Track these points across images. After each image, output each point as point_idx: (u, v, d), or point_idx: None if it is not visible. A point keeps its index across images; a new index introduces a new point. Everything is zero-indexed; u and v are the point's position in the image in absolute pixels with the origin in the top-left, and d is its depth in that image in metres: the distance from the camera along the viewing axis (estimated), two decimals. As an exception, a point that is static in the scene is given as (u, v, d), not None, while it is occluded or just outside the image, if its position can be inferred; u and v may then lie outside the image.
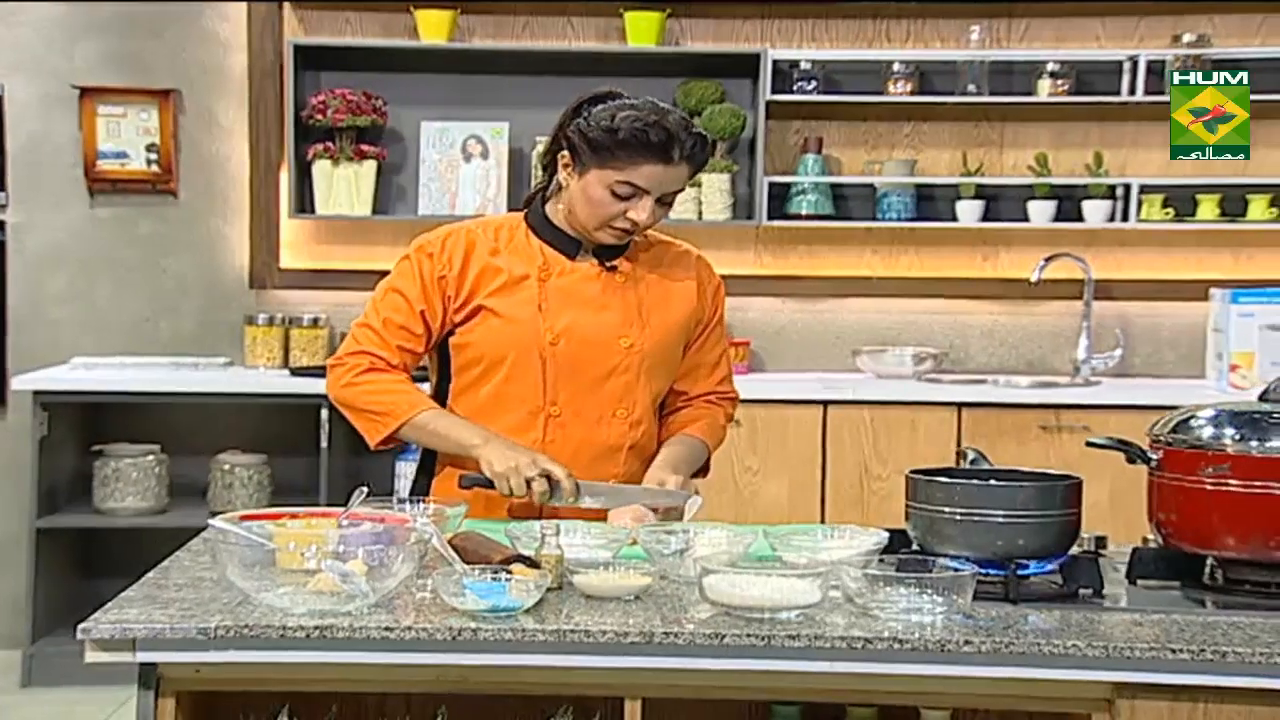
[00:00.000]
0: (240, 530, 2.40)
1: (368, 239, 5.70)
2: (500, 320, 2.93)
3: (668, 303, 3.02)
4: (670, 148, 2.82)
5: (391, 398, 2.94)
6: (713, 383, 3.13)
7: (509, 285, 2.94)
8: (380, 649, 2.22)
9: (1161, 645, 2.25)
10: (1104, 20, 5.58)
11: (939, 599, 2.33)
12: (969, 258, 5.68)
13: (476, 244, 2.97)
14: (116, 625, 2.22)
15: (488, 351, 2.95)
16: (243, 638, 2.21)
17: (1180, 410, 2.65)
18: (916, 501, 2.56)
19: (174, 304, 5.70)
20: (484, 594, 2.27)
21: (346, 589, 2.25)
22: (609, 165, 2.83)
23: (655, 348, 2.99)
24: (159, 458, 5.35)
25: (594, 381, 2.95)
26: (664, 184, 2.86)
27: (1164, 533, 2.61)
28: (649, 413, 3.03)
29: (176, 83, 5.65)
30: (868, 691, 2.34)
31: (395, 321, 2.95)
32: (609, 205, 2.86)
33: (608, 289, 2.98)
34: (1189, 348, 5.60)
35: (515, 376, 2.94)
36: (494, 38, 5.64)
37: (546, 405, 2.95)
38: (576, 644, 2.23)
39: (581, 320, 2.95)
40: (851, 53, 5.59)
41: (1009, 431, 5.11)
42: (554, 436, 2.94)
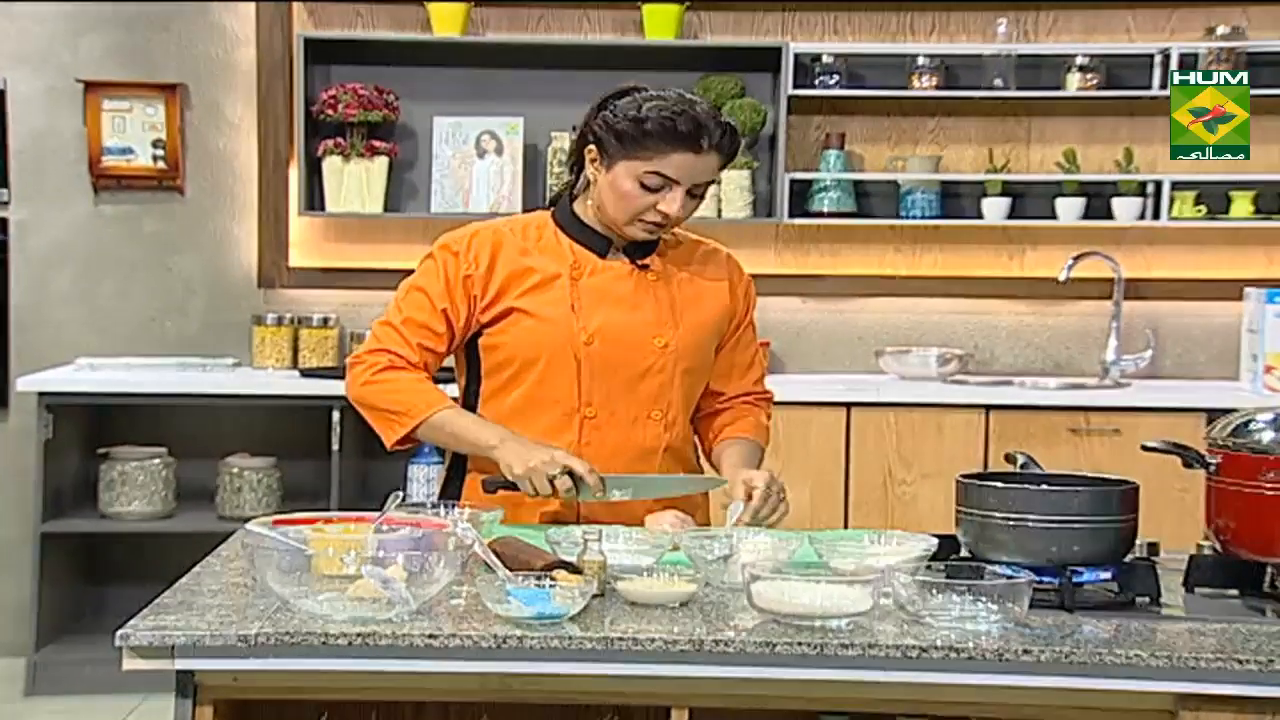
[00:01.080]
0: (278, 535, 2.34)
1: (379, 237, 5.59)
2: (533, 320, 2.87)
3: (700, 302, 2.97)
4: (699, 136, 2.76)
5: (409, 397, 2.87)
6: (748, 383, 3.07)
7: (541, 285, 2.88)
8: (424, 657, 2.18)
9: (1227, 656, 2.18)
10: (1134, 12, 5.46)
11: (993, 607, 2.26)
12: (995, 256, 5.56)
13: (505, 243, 2.91)
14: (155, 632, 2.20)
15: (520, 353, 2.88)
16: (284, 645, 2.17)
17: (1238, 413, 2.56)
18: (968, 506, 2.47)
19: (181, 303, 5.59)
20: (529, 601, 2.22)
21: (387, 595, 2.20)
22: (637, 156, 2.78)
23: (690, 347, 2.93)
24: (166, 461, 5.24)
25: (629, 382, 2.89)
26: (694, 174, 2.79)
27: (1222, 539, 2.53)
28: (683, 414, 2.97)
29: (183, 77, 5.55)
30: (921, 702, 2.26)
31: (417, 320, 2.89)
32: (639, 197, 2.80)
33: (640, 288, 2.92)
34: (1221, 349, 5.47)
35: (549, 378, 2.87)
36: (508, 31, 5.53)
37: (581, 407, 2.88)
38: (624, 652, 2.18)
39: (615, 319, 2.88)
40: (875, 46, 5.47)
41: (1037, 434, 4.99)
42: (589, 439, 2.87)
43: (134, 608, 5.39)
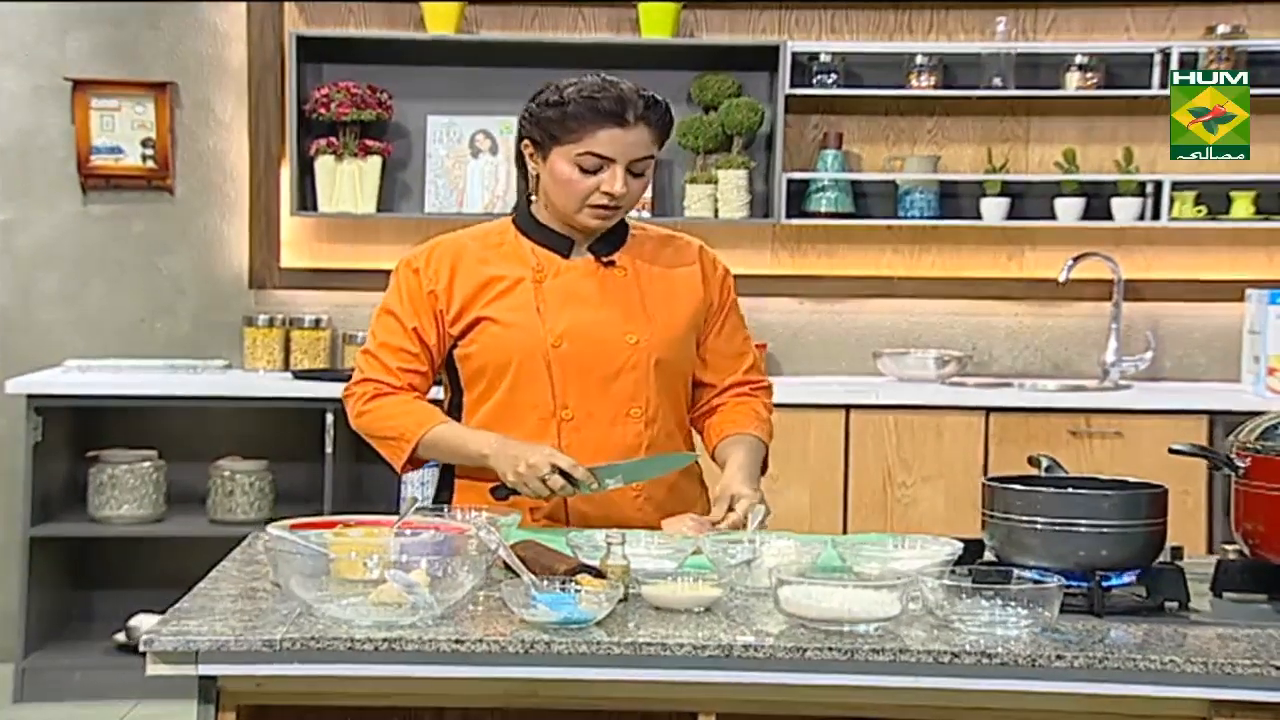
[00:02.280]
0: (299, 539, 2.32)
1: (372, 238, 5.53)
2: (499, 327, 2.87)
3: (672, 296, 2.94)
4: (623, 110, 2.78)
5: (399, 420, 2.89)
6: (739, 372, 3.02)
7: (504, 292, 2.87)
8: (450, 662, 2.17)
9: (1263, 662, 2.16)
10: (1134, 11, 5.42)
11: (1023, 612, 2.23)
12: (994, 257, 5.52)
13: (465, 254, 2.91)
14: (179, 638, 2.17)
15: (491, 360, 2.88)
16: (309, 650, 2.16)
17: (1267, 416, 2.54)
18: (994, 510, 2.43)
19: (170, 304, 5.52)
20: (555, 605, 2.20)
21: (411, 600, 2.17)
22: (567, 140, 2.80)
23: (664, 343, 2.90)
24: (156, 464, 5.17)
25: (603, 381, 2.86)
26: (626, 149, 2.78)
27: (1250, 543, 2.48)
28: (666, 410, 2.93)
29: (173, 75, 5.47)
30: (951, 708, 2.22)
31: (391, 344, 2.91)
32: (579, 181, 2.81)
33: (607, 285, 2.90)
34: (1222, 350, 5.43)
35: (521, 383, 2.87)
36: (503, 29, 5.48)
37: (558, 410, 2.86)
38: (652, 657, 2.16)
39: (583, 319, 2.86)
40: (872, 45, 5.43)
41: (1037, 436, 4.95)
42: (569, 441, 2.85)
43: (124, 612, 5.38)
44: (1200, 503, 4.86)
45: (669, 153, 5.44)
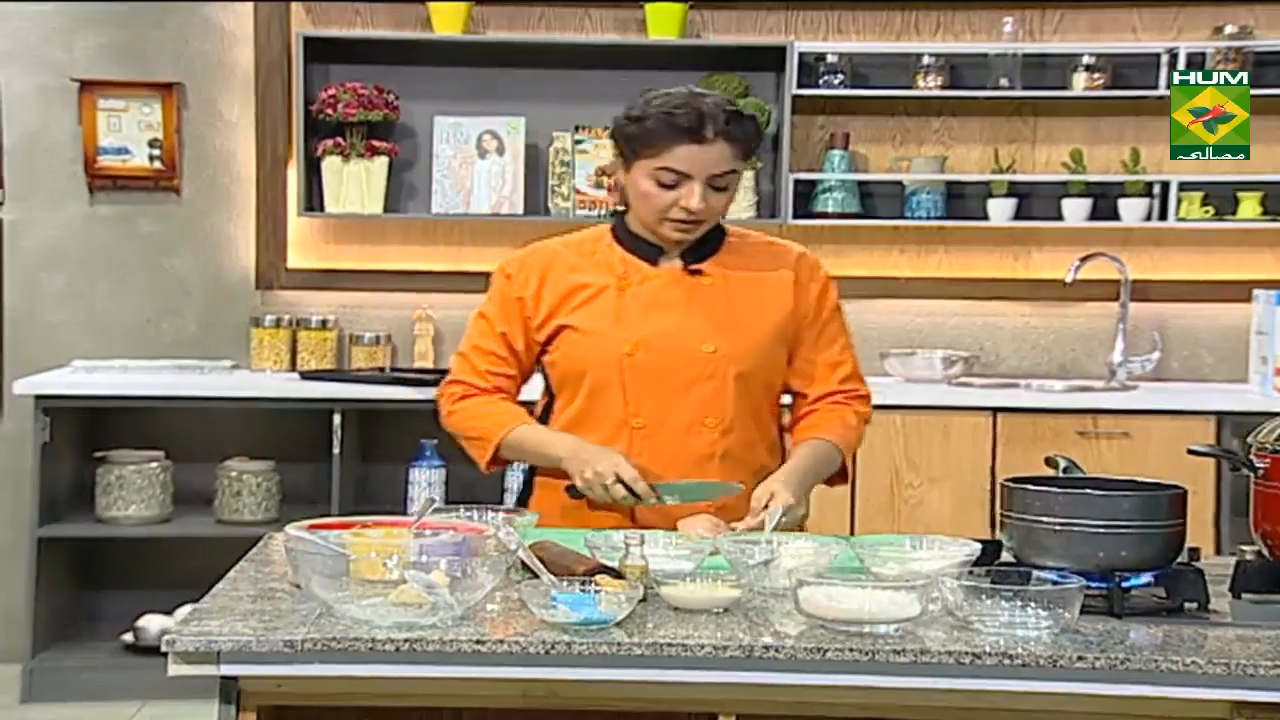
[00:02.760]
0: (319, 540, 2.32)
1: (379, 238, 5.53)
2: (579, 335, 2.90)
3: (760, 305, 2.92)
4: (702, 127, 2.76)
5: (483, 421, 2.96)
6: (834, 382, 2.99)
7: (588, 299, 2.91)
8: (471, 663, 2.18)
9: (1288, 663, 2.15)
10: (1140, 11, 5.42)
11: (1043, 613, 2.23)
12: (1000, 258, 5.51)
13: (556, 262, 2.95)
14: (201, 638, 2.18)
15: (570, 368, 2.93)
16: (331, 651, 2.16)
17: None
18: (1013, 511, 2.43)
19: (177, 305, 5.52)
20: (575, 606, 2.20)
21: (431, 600, 2.17)
22: (646, 154, 2.80)
23: (743, 352, 2.88)
24: (163, 464, 5.17)
25: (677, 390, 2.86)
26: (704, 165, 2.78)
27: (1270, 544, 2.48)
28: (742, 421, 2.90)
29: (180, 76, 5.47)
30: (971, 709, 2.21)
31: (482, 348, 2.99)
32: (658, 196, 2.81)
33: (692, 294, 2.89)
34: (1229, 351, 5.43)
35: (597, 391, 2.90)
36: (510, 30, 5.47)
37: (629, 418, 2.88)
38: (672, 658, 2.16)
39: (661, 328, 2.87)
40: (879, 45, 5.43)
41: (1045, 437, 4.95)
42: (640, 449, 2.86)
43: (131, 613, 5.37)
44: (1208, 503, 4.86)
45: (676, 153, 5.44)
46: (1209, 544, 4.77)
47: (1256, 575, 2.47)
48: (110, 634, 5.20)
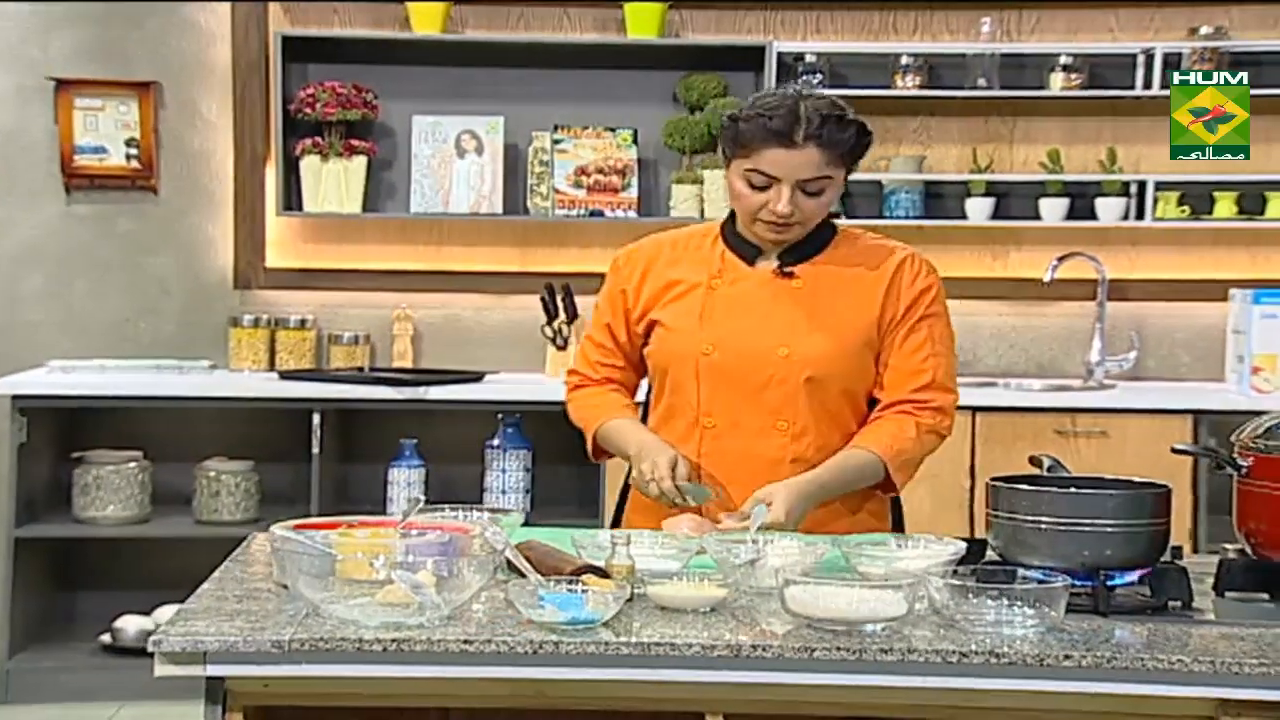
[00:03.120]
0: (306, 540, 2.31)
1: (358, 238, 5.52)
2: (666, 331, 2.92)
3: (846, 309, 2.86)
4: (791, 131, 2.73)
5: (586, 412, 3.02)
6: (908, 390, 2.87)
7: (680, 296, 2.92)
8: (459, 663, 2.17)
9: (1271, 661, 2.17)
10: (1118, 12, 5.44)
11: (1029, 611, 2.24)
12: (978, 257, 5.53)
13: (660, 256, 2.97)
14: (187, 638, 2.17)
15: (657, 363, 2.95)
16: (318, 651, 2.16)
17: (1269, 415, 2.54)
18: (999, 510, 2.44)
19: (155, 305, 5.50)
20: (563, 606, 2.20)
21: (418, 600, 2.17)
22: (739, 155, 2.80)
23: (818, 356, 2.84)
24: (141, 465, 5.15)
25: (750, 392, 2.85)
26: (792, 169, 2.75)
27: (1253, 542, 2.50)
28: (817, 426, 2.85)
29: (157, 75, 5.45)
30: (959, 707, 2.23)
31: (594, 339, 3.04)
32: (748, 196, 2.81)
33: (779, 296, 2.87)
34: (1205, 350, 5.46)
35: (676, 388, 2.92)
36: (488, 29, 5.47)
37: (701, 417, 2.88)
38: (661, 657, 2.17)
39: (741, 329, 2.86)
40: (858, 45, 5.44)
41: (1024, 436, 4.96)
42: (709, 449, 2.87)
43: (109, 614, 5.35)
44: (1185, 501, 4.88)
45: (655, 153, 5.46)
46: (1186, 542, 4.79)
47: (1240, 574, 2.50)
48: (88, 635, 5.18)
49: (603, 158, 5.36)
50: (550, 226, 5.47)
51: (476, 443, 5.20)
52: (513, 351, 5.48)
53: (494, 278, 5.51)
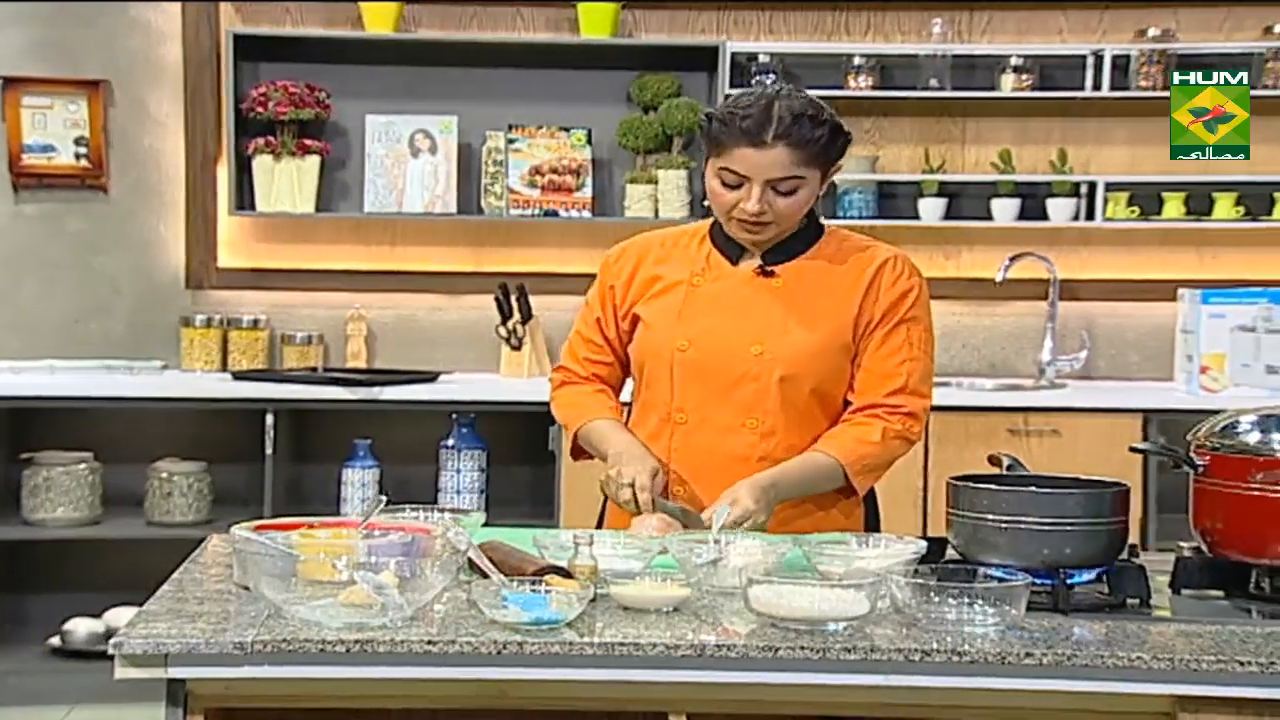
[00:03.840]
0: (267, 541, 2.30)
1: (311, 237, 5.49)
2: (645, 327, 2.93)
3: (823, 309, 2.86)
4: (761, 130, 2.73)
5: (569, 411, 3.02)
6: (881, 393, 2.86)
7: (661, 292, 2.93)
8: (422, 663, 2.17)
9: (1228, 658, 2.19)
10: (1067, 14, 5.49)
11: (990, 610, 2.25)
12: (931, 257, 5.54)
13: (648, 253, 2.97)
14: (149, 640, 2.16)
15: (637, 359, 2.97)
16: (281, 652, 2.15)
17: (1224, 415, 2.58)
18: (959, 509, 2.46)
19: (105, 305, 5.46)
20: (527, 606, 2.20)
21: (381, 601, 2.17)
22: (714, 153, 2.81)
23: (791, 358, 2.83)
24: (92, 466, 5.11)
25: (722, 389, 2.85)
26: (762, 168, 2.74)
27: (1209, 540, 2.53)
28: (787, 426, 2.85)
29: (107, 73, 5.41)
30: (921, 705, 2.24)
31: (583, 335, 3.04)
32: (721, 195, 2.82)
33: (758, 295, 2.87)
34: (1155, 349, 5.51)
35: (652, 383, 2.93)
36: (441, 28, 5.45)
37: (674, 412, 2.88)
38: (624, 657, 2.17)
39: (718, 326, 2.86)
40: (810, 45, 5.46)
41: (977, 435, 5.00)
42: (679, 445, 2.88)
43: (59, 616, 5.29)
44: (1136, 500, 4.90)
45: (609, 152, 5.46)
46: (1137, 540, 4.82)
47: (1196, 571, 2.53)
48: (38, 638, 5.13)
49: (557, 157, 5.36)
50: (504, 226, 5.47)
51: (431, 443, 5.19)
52: (467, 351, 5.47)
53: (448, 277, 5.49)
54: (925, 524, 4.90)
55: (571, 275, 5.21)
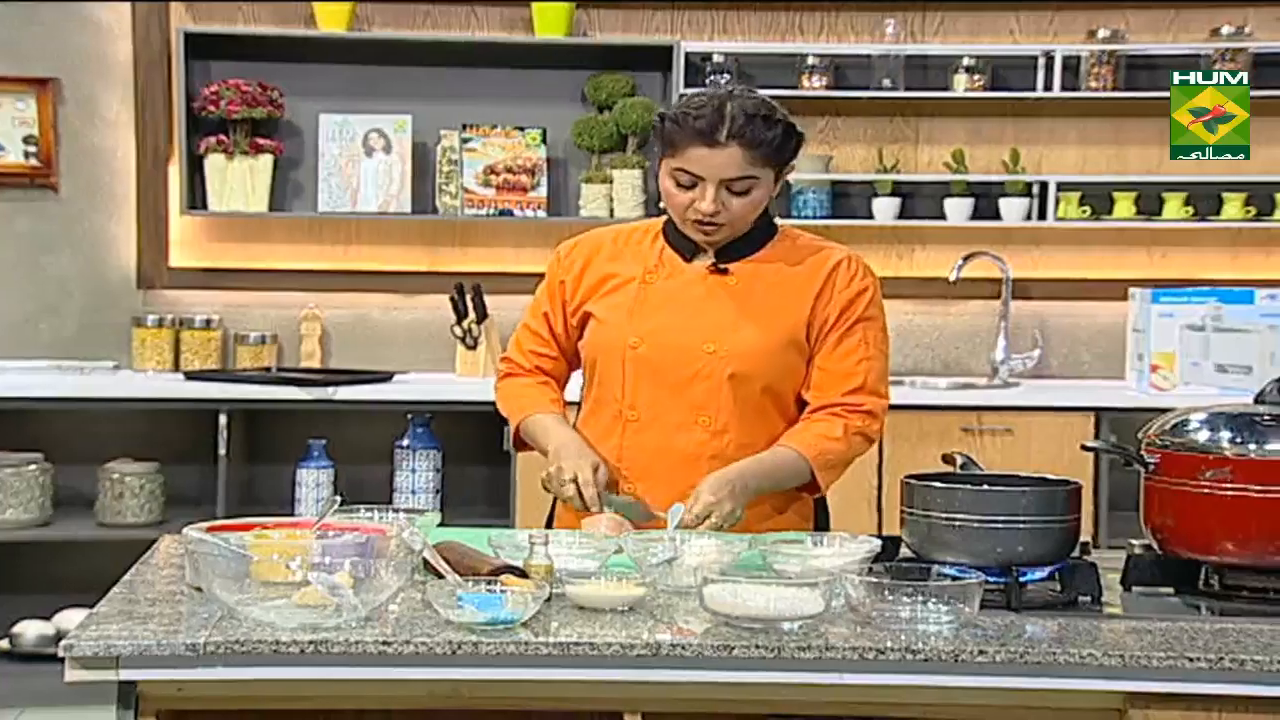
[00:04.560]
0: (220, 542, 2.28)
1: (264, 237, 5.46)
2: (597, 324, 2.93)
3: (776, 307, 2.86)
4: (713, 130, 2.73)
5: (512, 403, 3.01)
6: (839, 393, 2.87)
7: (614, 289, 2.92)
8: (376, 664, 2.16)
9: (1179, 654, 2.21)
10: (1018, 14, 5.51)
11: (944, 608, 2.27)
12: (885, 256, 5.57)
13: (601, 250, 2.97)
14: (99, 642, 2.14)
15: (588, 356, 2.97)
16: (234, 654, 2.14)
17: (1174, 413, 2.59)
18: (913, 507, 2.47)
19: (56, 305, 5.42)
20: (482, 606, 2.19)
21: (335, 602, 2.16)
22: (668, 154, 2.81)
23: (744, 356, 2.84)
24: (42, 466, 5.07)
25: (674, 387, 2.85)
26: (715, 168, 2.75)
27: (1159, 538, 2.55)
28: (739, 424, 2.85)
29: (56, 71, 5.37)
30: (875, 703, 2.25)
31: (530, 327, 3.03)
32: (676, 195, 2.82)
33: (712, 293, 2.88)
34: (1106, 348, 5.55)
35: (604, 380, 2.92)
36: (395, 27, 5.44)
37: (625, 410, 2.88)
38: (580, 657, 2.17)
39: (669, 324, 2.86)
40: (764, 45, 5.48)
41: (931, 434, 5.02)
42: (630, 442, 2.88)
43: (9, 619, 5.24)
44: (1087, 498, 4.95)
45: (564, 152, 5.45)
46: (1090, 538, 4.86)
47: (1147, 568, 2.55)
48: (-13, 640, 5.09)
49: (511, 157, 5.35)
50: (459, 226, 5.46)
51: (386, 443, 5.17)
52: (422, 351, 5.45)
53: (403, 277, 5.48)
54: (880, 523, 4.92)
55: (527, 275, 5.16)
